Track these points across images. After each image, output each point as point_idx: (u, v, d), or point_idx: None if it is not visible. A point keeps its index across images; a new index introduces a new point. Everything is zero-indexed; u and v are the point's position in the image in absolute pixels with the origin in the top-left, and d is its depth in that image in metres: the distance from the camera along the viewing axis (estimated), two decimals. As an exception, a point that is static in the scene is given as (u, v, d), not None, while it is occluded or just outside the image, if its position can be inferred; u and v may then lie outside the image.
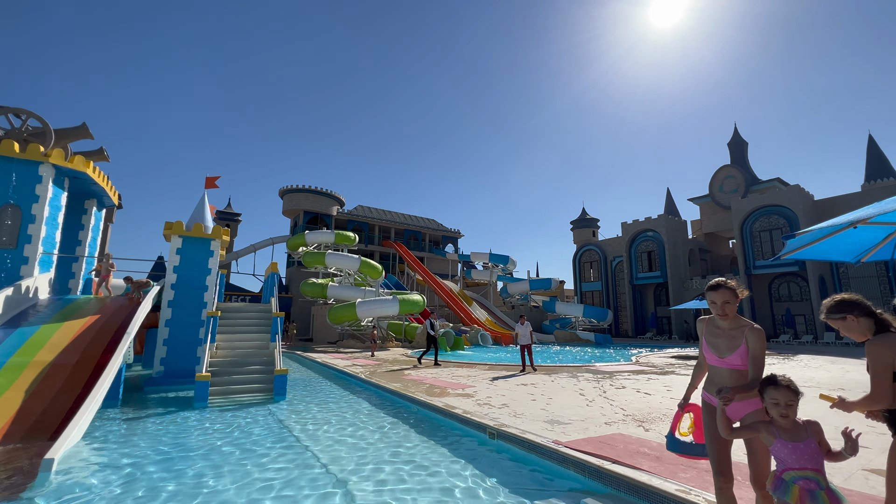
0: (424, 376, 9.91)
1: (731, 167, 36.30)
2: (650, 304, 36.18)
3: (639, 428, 4.99)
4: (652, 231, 35.08)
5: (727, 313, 2.39)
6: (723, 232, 36.95)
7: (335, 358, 14.84)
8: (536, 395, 7.25)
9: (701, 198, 38.09)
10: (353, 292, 23.97)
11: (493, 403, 6.45)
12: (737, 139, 37.51)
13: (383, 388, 8.16)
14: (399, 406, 7.05)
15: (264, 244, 38.03)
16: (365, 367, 11.68)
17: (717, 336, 2.47)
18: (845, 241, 4.31)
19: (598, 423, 5.26)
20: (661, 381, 9.13)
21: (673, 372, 10.98)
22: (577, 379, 9.51)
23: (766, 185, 34.47)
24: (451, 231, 49.38)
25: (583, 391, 7.77)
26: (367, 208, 45.49)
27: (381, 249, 43.41)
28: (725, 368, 2.40)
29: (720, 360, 2.42)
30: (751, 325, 2.36)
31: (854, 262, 4.64)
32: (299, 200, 39.72)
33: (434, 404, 6.24)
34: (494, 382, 8.91)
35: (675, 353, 17.95)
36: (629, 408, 6.23)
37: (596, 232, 46.86)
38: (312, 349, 19.80)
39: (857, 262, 4.64)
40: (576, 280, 42.44)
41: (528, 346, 11.14)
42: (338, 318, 21.38)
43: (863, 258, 4.58)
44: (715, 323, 2.54)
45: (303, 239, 28.71)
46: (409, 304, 21.51)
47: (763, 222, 29.24)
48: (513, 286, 36.99)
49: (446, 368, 11.69)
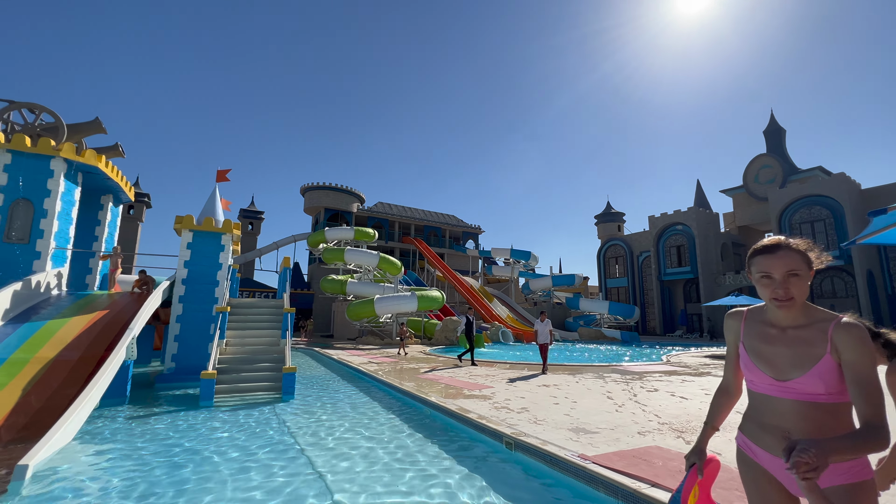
0: (440, 375, 9.45)
1: (767, 156, 34.31)
2: (679, 301, 34.64)
3: (678, 440, 4.36)
4: (681, 224, 33.52)
5: (792, 296, 1.33)
6: (758, 225, 35.02)
7: (352, 355, 14.58)
8: (559, 399, 6.67)
9: (734, 189, 36.21)
10: (371, 288, 23.79)
11: (511, 407, 5.92)
12: (773, 126, 35.42)
13: (396, 387, 7.73)
14: (411, 408, 6.60)
15: (286, 241, 38.43)
16: (380, 365, 11.33)
17: (771, 341, 1.41)
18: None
19: (629, 432, 4.66)
20: (697, 384, 8.36)
21: (709, 373, 10.14)
22: (604, 380, 8.85)
23: (807, 174, 32.40)
24: (471, 227, 48.78)
25: (611, 394, 7.13)
26: (386, 205, 45.41)
27: (401, 246, 43.26)
28: (789, 400, 1.35)
29: (778, 385, 1.37)
30: (837, 318, 1.32)
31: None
32: (320, 198, 39.96)
33: (447, 407, 5.75)
34: (514, 383, 8.36)
35: (709, 352, 16.89)
36: (664, 414, 5.58)
37: (621, 226, 45.38)
38: (331, 345, 19.68)
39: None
40: (600, 276, 41.16)
41: (545, 345, 10.40)
42: (356, 315, 21.21)
43: (959, 242, 3.81)
44: (764, 317, 1.46)
45: (323, 236, 28.76)
46: (427, 301, 21.12)
47: (804, 213, 27.42)
48: (535, 282, 36.15)
49: (463, 368, 11.20)
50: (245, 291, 33.75)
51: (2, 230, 7.74)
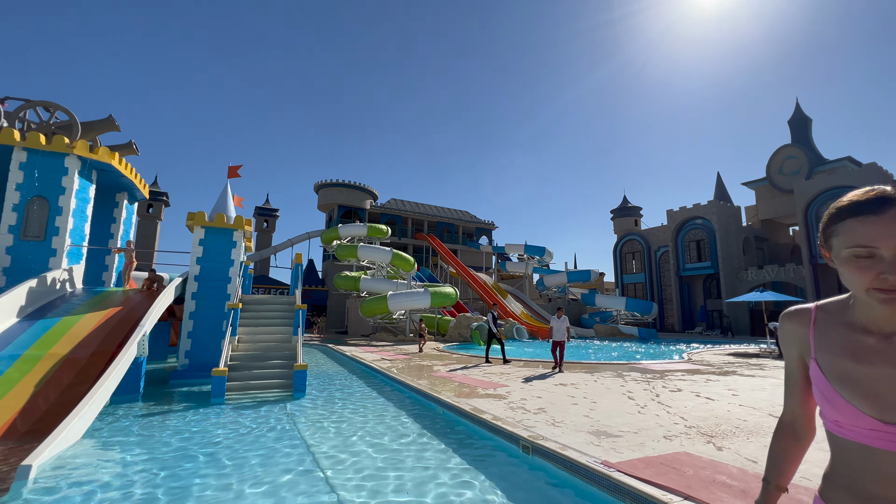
0: (454, 374, 9.26)
1: (792, 146, 33.03)
2: (699, 297, 33.72)
3: (708, 445, 4.08)
4: (701, 218, 32.57)
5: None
6: (782, 218, 33.79)
7: (365, 351, 14.51)
8: (578, 398, 6.41)
9: (757, 181, 34.99)
10: (385, 285, 23.73)
11: (527, 408, 5.68)
12: (799, 116, 34.07)
13: (408, 385, 7.57)
14: (423, 407, 6.43)
15: (301, 238, 38.70)
16: (393, 362, 11.20)
17: (869, 357, 0.83)
18: None
19: (655, 436, 4.39)
20: (723, 383, 7.98)
21: (734, 372, 9.72)
22: (624, 379, 8.53)
23: (835, 164, 31.08)
24: (484, 223, 48.40)
25: (631, 394, 6.83)
26: (399, 201, 45.35)
27: (414, 242, 43.18)
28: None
29: (886, 431, 0.78)
30: None
31: None
32: (333, 195, 40.11)
33: (460, 407, 5.55)
34: (530, 382, 8.11)
35: (732, 349, 16.32)
36: (690, 416, 5.27)
37: (638, 221, 44.39)
38: (345, 342, 19.70)
39: None
40: (616, 272, 40.38)
41: (562, 342, 9.90)
42: (370, 311, 21.17)
43: None
44: (852, 319, 0.89)
45: (336, 232, 28.82)
46: (441, 297, 20.94)
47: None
48: (550, 278, 35.63)
49: (473, 366, 10.98)
50: (261, 288, 34.16)
51: (18, 227, 7.81)
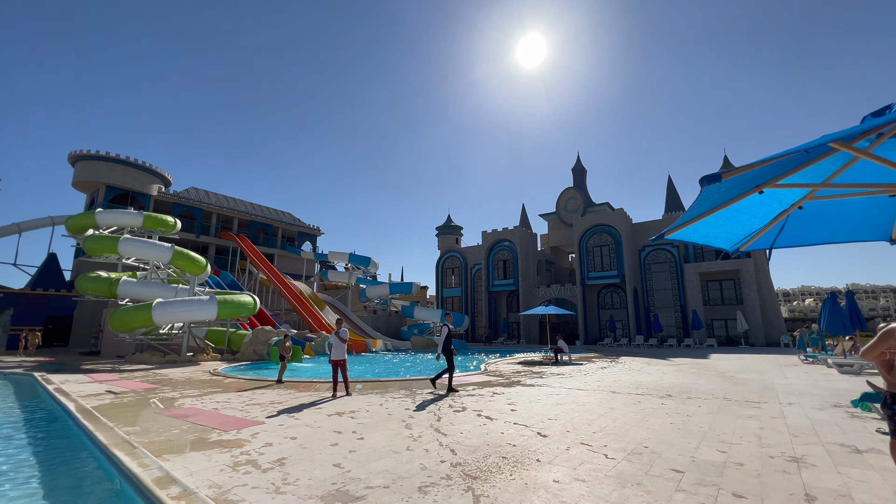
0: (202, 408, 6.90)
1: (573, 189, 40.65)
2: (503, 310, 37.87)
3: (465, 496, 3.22)
4: (508, 241, 36.87)
5: None
6: (565, 246, 41.07)
7: (92, 381, 10.37)
8: (345, 435, 5.10)
9: (549, 214, 41.80)
10: (154, 290, 18.56)
11: (261, 462, 4.05)
12: (579, 166, 42.33)
13: (91, 436, 4.99)
14: (105, 471, 4.11)
15: (36, 224, 28.08)
16: (118, 396, 7.98)
17: None
18: (732, 221, 3.28)
19: (409, 488, 3.35)
20: (505, 397, 7.93)
21: (519, 382, 10.11)
22: (414, 398, 7.73)
23: (599, 207, 39.52)
24: (308, 227, 44.65)
25: (412, 419, 5.92)
26: (202, 191, 37.88)
27: (218, 242, 36.49)
28: None
29: None
30: None
31: (730, 249, 3.72)
32: (100, 171, 30.65)
33: (140, 477, 3.53)
34: (300, 412, 6.49)
35: (521, 358, 17.98)
36: (461, 448, 4.53)
37: (459, 239, 47.84)
38: (77, 365, 14.18)
39: (733, 250, 3.74)
40: (438, 286, 42.31)
41: (342, 361, 8.34)
42: (124, 324, 15.98)
43: (742, 246, 3.67)
44: None
45: (92, 219, 21.63)
46: (231, 307, 17.33)
47: (595, 239, 33.02)
48: (372, 289, 34.69)
49: (246, 392, 8.74)
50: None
51: None
